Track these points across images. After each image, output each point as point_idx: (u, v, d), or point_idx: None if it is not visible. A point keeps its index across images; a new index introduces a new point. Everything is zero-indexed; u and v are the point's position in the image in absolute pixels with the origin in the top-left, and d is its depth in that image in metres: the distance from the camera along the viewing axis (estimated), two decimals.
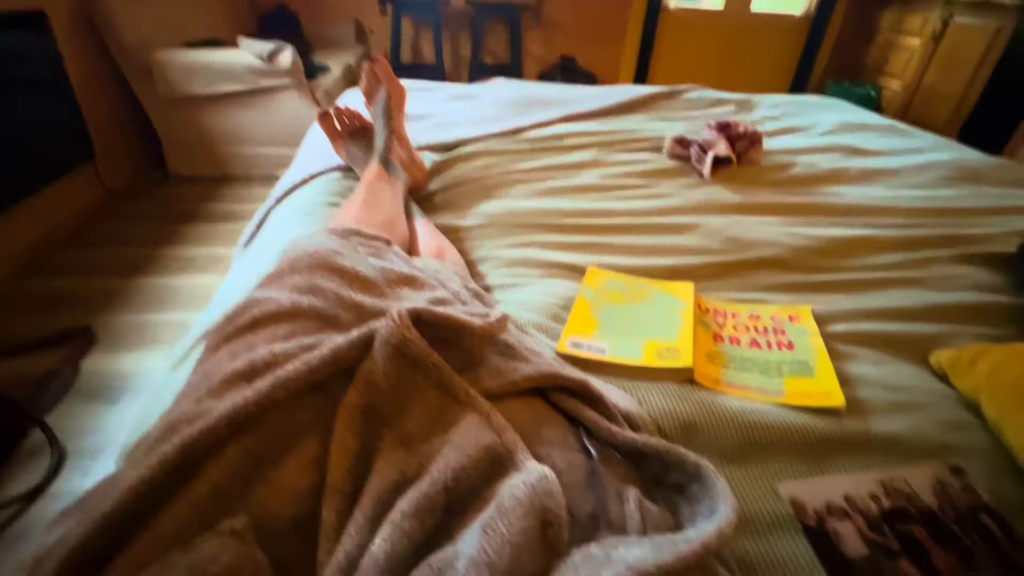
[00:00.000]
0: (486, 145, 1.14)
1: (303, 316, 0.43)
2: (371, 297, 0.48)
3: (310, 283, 0.46)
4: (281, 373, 0.35)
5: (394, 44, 3.20)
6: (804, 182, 1.09)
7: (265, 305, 0.44)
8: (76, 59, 2.00)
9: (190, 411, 0.35)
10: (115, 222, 2.02)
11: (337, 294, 0.46)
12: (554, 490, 0.29)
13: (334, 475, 0.32)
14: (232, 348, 0.41)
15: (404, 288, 0.52)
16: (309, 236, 0.57)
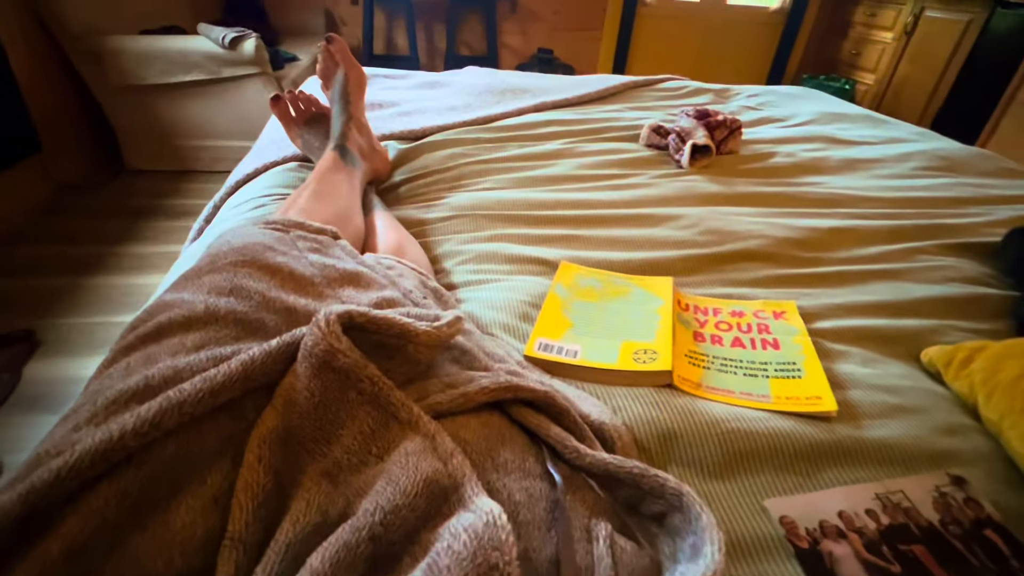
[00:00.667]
0: (455, 134, 1.08)
1: (219, 322, 0.37)
2: (306, 299, 0.42)
3: (232, 283, 0.40)
4: (174, 394, 0.28)
5: (367, 34, 3.10)
6: (784, 172, 1.06)
7: (174, 310, 0.37)
8: (18, 46, 1.87)
9: (63, 442, 0.28)
10: (65, 218, 1.90)
11: (264, 296, 0.40)
12: (503, 539, 0.24)
13: (236, 520, 0.26)
14: (129, 361, 0.34)
15: (347, 288, 0.46)
16: (238, 228, 0.50)
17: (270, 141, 1.03)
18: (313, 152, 0.91)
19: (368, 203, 0.79)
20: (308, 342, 0.32)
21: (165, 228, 1.88)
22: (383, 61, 3.38)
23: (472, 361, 0.42)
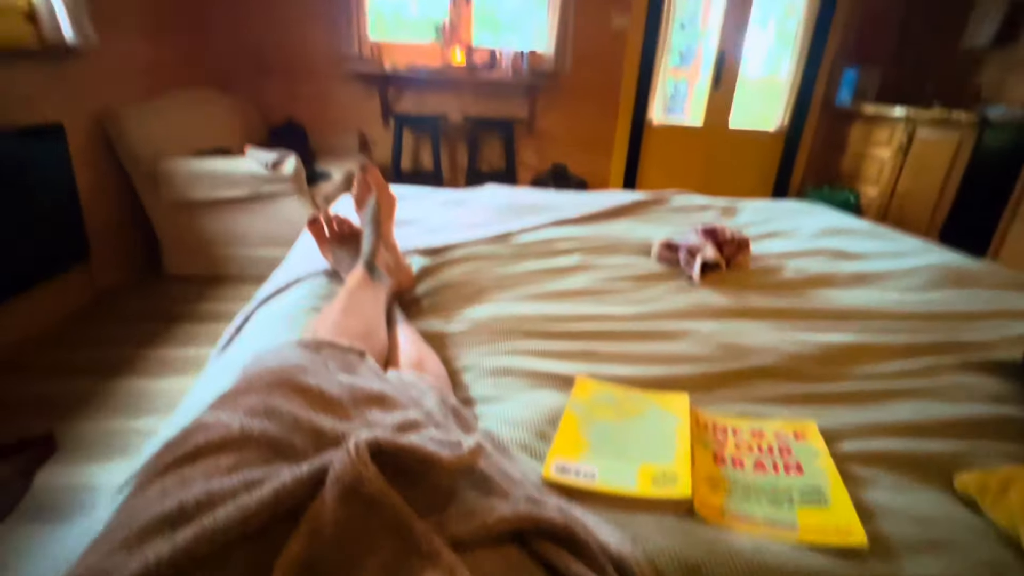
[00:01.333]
0: (475, 250, 1.15)
1: (253, 444, 0.38)
2: (334, 419, 0.44)
3: (266, 404, 0.42)
4: (208, 522, 0.29)
5: (395, 153, 3.39)
6: (794, 286, 1.09)
7: (211, 431, 0.39)
8: (87, 166, 2.09)
9: (97, 568, 0.29)
10: (101, 322, 1.99)
11: (295, 417, 0.42)
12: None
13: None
14: (165, 484, 0.35)
15: (373, 409, 0.48)
16: (275, 349, 0.53)
17: (302, 256, 1.11)
18: (343, 267, 0.98)
19: (392, 317, 0.83)
20: (337, 468, 0.33)
21: (193, 332, 1.94)
22: (410, 176, 3.65)
23: (491, 486, 0.42)
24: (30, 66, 1.82)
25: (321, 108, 3.54)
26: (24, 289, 1.75)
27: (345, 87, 3.51)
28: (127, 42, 2.36)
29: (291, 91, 3.49)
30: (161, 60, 2.66)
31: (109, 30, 2.18)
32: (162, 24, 2.67)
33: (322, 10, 3.30)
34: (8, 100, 1.73)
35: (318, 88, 3.49)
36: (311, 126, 3.53)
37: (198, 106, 2.71)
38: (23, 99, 1.79)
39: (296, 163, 2.30)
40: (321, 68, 3.45)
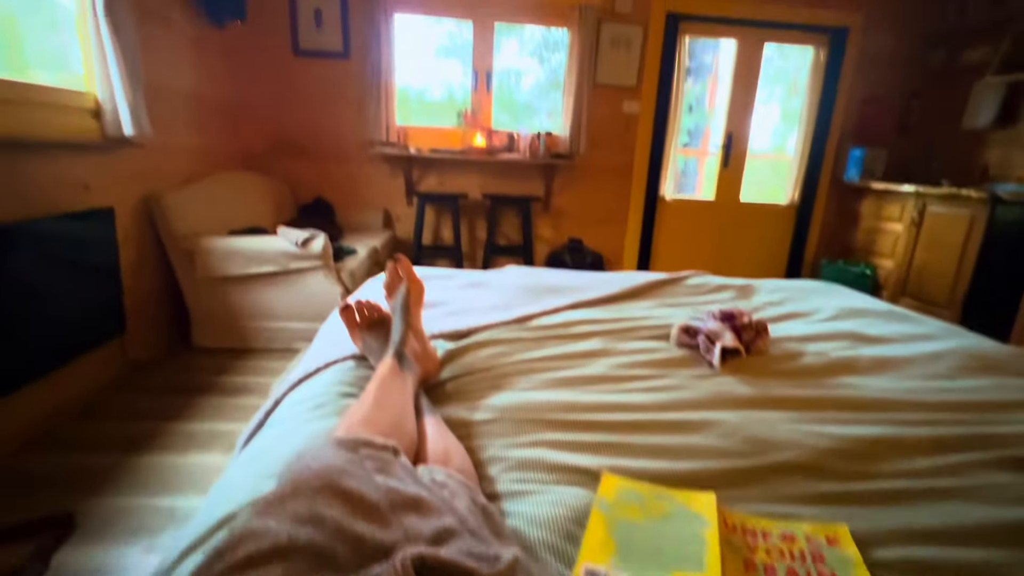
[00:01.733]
0: (496, 333, 1.18)
1: (300, 554, 0.40)
2: (373, 527, 0.45)
3: (311, 511, 0.44)
4: None
5: (417, 229, 3.53)
6: (816, 372, 1.09)
7: (261, 540, 0.41)
8: (130, 244, 2.22)
9: None
10: (129, 395, 2.03)
11: (338, 525, 0.44)
12: None
13: None
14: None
15: (411, 515, 0.49)
16: (316, 448, 0.56)
17: (331, 341, 1.15)
18: (372, 353, 1.01)
19: (419, 407, 0.85)
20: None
21: (219, 405, 1.97)
22: (430, 250, 3.78)
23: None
24: (90, 155, 1.99)
25: (349, 187, 3.75)
26: (62, 364, 1.81)
27: (372, 168, 3.73)
28: (175, 134, 2.58)
29: (321, 171, 3.71)
30: (204, 147, 2.87)
31: (161, 124, 2.39)
32: (207, 118, 2.91)
33: (353, 100, 3.57)
34: (67, 186, 1.88)
35: (347, 169, 3.71)
36: (339, 204, 3.72)
37: (234, 187, 2.89)
38: (80, 185, 1.94)
39: (324, 241, 2.41)
40: (350, 151, 3.68)
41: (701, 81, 6.53)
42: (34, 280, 1.67)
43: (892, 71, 3.86)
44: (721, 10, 3.64)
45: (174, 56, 2.57)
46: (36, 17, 1.96)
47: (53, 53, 2.02)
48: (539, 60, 5.07)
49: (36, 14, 1.96)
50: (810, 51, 3.87)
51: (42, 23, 1.98)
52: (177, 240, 2.35)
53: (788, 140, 4.17)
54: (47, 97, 1.81)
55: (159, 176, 2.42)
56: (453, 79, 3.92)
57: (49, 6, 1.97)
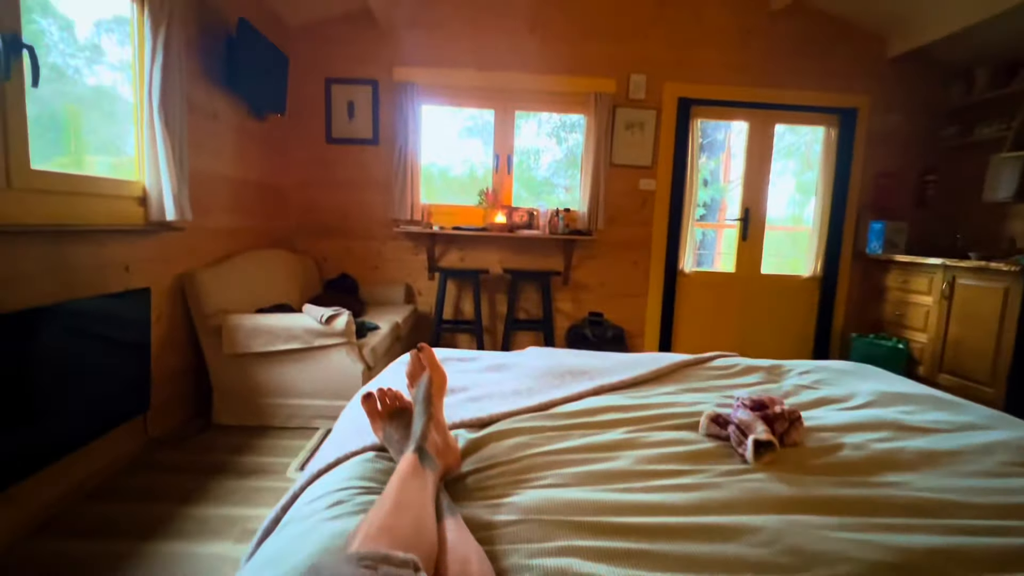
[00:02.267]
0: (519, 421, 1.15)
1: None
2: None
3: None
4: None
5: (439, 303, 3.58)
6: (858, 468, 1.03)
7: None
8: (162, 322, 2.29)
9: None
10: (147, 473, 2.01)
11: None
12: None
13: None
14: None
15: None
16: (334, 566, 0.54)
17: (352, 429, 1.13)
18: (392, 445, 0.99)
19: (440, 508, 0.82)
20: None
21: (233, 487, 1.93)
22: (451, 324, 3.81)
23: None
24: (132, 239, 2.10)
25: (373, 263, 3.86)
26: (86, 442, 1.82)
27: (395, 244, 3.85)
28: (212, 216, 2.72)
29: (347, 248, 3.84)
30: (238, 228, 3.02)
31: (200, 207, 2.54)
32: (243, 200, 3.08)
33: (380, 181, 3.76)
34: (109, 268, 1.97)
35: (371, 245, 3.84)
36: (362, 279, 3.82)
37: (264, 264, 2.99)
38: (121, 266, 2.04)
39: (348, 318, 2.45)
40: (375, 229, 3.82)
41: (715, 156, 6.74)
42: (68, 359, 1.72)
43: (905, 147, 3.94)
44: (732, 95, 3.81)
45: (217, 145, 2.76)
46: (98, 109, 2.16)
47: (108, 141, 2.20)
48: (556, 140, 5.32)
49: (98, 107, 2.15)
50: (821, 130, 3.99)
51: (103, 114, 2.18)
52: (207, 317, 2.42)
53: (804, 209, 4.20)
54: (100, 187, 1.95)
55: (194, 255, 2.54)
56: (474, 157, 4.11)
57: (111, 99, 2.17)
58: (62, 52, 1.96)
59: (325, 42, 3.64)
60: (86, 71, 2.07)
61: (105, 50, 2.13)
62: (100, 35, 2.12)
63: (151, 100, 2.09)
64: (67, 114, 2.03)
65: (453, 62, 3.67)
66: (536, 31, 3.70)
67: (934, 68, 3.82)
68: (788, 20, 3.75)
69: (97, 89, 2.13)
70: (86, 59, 2.06)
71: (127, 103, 2.18)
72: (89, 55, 2.07)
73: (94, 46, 2.09)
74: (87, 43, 2.06)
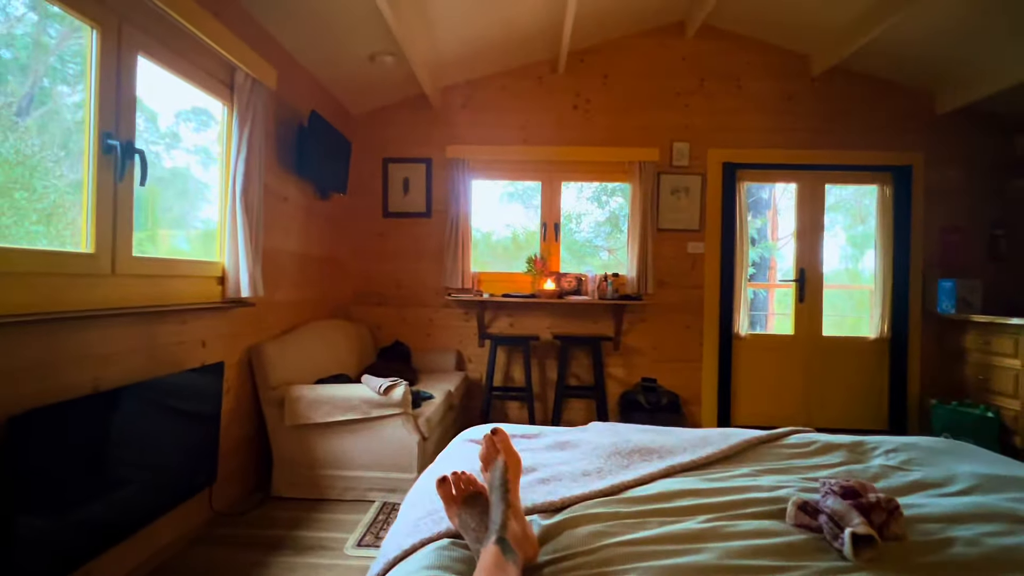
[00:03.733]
0: (592, 507, 1.12)
1: None
2: None
3: None
4: None
5: (489, 370, 3.58)
6: (975, 567, 0.93)
7: None
8: (232, 394, 2.38)
9: None
10: (210, 548, 2.04)
11: None
12: None
13: None
14: None
15: None
16: None
17: (425, 514, 1.13)
18: (468, 532, 0.98)
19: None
20: None
21: (290, 565, 1.92)
22: (501, 391, 3.79)
23: None
24: (210, 316, 2.24)
25: (425, 330, 3.94)
26: (156, 518, 1.87)
27: (447, 312, 3.93)
28: (279, 289, 2.88)
29: (400, 316, 3.95)
30: (301, 300, 3.17)
31: (269, 282, 2.70)
32: (307, 274, 3.26)
33: (432, 251, 3.90)
34: (189, 344, 2.10)
35: (424, 313, 3.94)
36: (415, 345, 3.89)
37: (323, 335, 3.11)
38: (199, 342, 2.17)
39: (405, 389, 2.49)
40: (427, 297, 3.93)
41: (761, 215, 6.68)
42: (146, 438, 1.80)
43: (969, 201, 3.80)
44: (777, 158, 3.83)
45: (286, 224, 2.97)
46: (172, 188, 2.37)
47: (180, 216, 2.38)
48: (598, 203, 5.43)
49: (173, 186, 2.36)
50: (875, 189, 3.92)
51: (176, 192, 2.38)
52: (271, 388, 2.51)
53: (859, 263, 4.05)
54: (187, 269, 2.12)
55: (261, 328, 2.67)
56: (516, 221, 4.23)
57: (183, 179, 2.38)
58: (145, 140, 2.15)
59: (384, 125, 3.93)
60: (164, 155, 2.28)
61: (182, 136, 2.37)
62: (179, 123, 2.35)
63: (235, 188, 2.29)
64: (147, 193, 2.19)
65: (501, 139, 3.88)
66: (579, 107, 3.88)
67: (989, 121, 3.74)
68: (830, 83, 3.80)
69: (173, 171, 2.34)
70: (166, 145, 2.27)
71: (198, 181, 2.39)
72: (169, 141, 2.29)
73: (173, 134, 2.32)
74: (168, 131, 2.28)
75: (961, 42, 3.24)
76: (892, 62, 3.60)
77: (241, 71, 2.30)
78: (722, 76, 3.84)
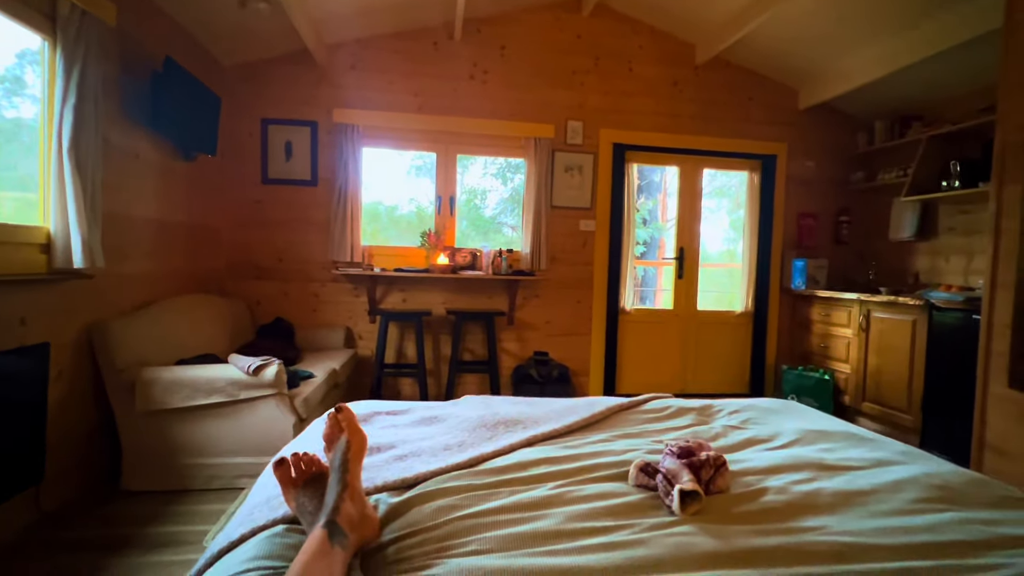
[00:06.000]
0: (446, 481, 1.10)
1: None
2: None
3: None
4: None
5: (379, 347, 3.47)
6: (780, 514, 1.04)
7: None
8: (63, 380, 2.08)
9: None
10: (39, 553, 1.78)
11: None
12: None
13: None
14: None
15: None
16: None
17: (263, 500, 1.05)
18: (304, 516, 0.92)
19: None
20: None
21: (133, 566, 1.73)
22: (393, 368, 3.69)
23: None
24: (31, 289, 1.92)
25: (310, 306, 3.72)
26: None
27: (334, 287, 3.74)
28: (129, 261, 2.55)
29: (283, 291, 3.69)
30: (159, 273, 2.84)
31: (114, 252, 2.37)
32: (166, 243, 2.91)
33: (319, 222, 3.67)
34: (3, 322, 1.79)
35: (309, 288, 3.71)
36: (299, 323, 3.66)
37: (188, 312, 2.82)
38: (16, 320, 1.85)
39: (278, 368, 2.32)
40: (313, 271, 3.71)
41: (653, 197, 7.05)
42: None
43: (821, 190, 4.26)
44: (663, 141, 4.03)
45: (139, 187, 2.62)
46: (17, 142, 2.01)
47: (23, 178, 2.03)
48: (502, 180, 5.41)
49: (17, 139, 2.00)
50: (745, 175, 4.26)
51: (22, 147, 2.02)
52: (118, 371, 2.23)
53: (738, 246, 4.44)
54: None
55: (105, 305, 2.35)
56: (422, 197, 4.11)
57: (30, 131, 2.03)
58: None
59: (262, 83, 3.59)
60: (4, 102, 1.93)
61: (27, 82, 2.01)
62: (24, 67, 2.00)
63: (60, 141, 1.96)
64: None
65: (394, 105, 3.70)
66: (476, 77, 3.80)
67: (841, 119, 4.20)
68: (712, 73, 4.04)
69: (16, 122, 1.98)
70: (4, 90, 1.92)
71: (7, 122, 2.04)
72: (9, 86, 1.94)
73: (15, 77, 1.97)
74: (7, 73, 1.93)
75: (819, 45, 3.57)
76: (764, 58, 3.90)
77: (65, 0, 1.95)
78: (616, 57, 3.93)
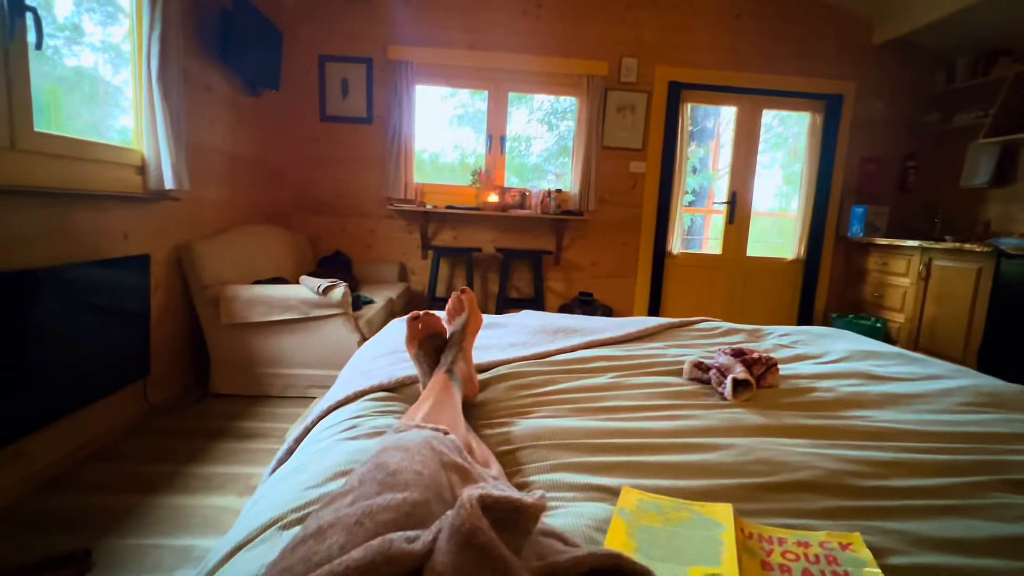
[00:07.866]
0: (517, 367, 1.23)
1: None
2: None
3: (432, 473, 0.53)
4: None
5: (431, 282, 3.64)
6: (827, 405, 1.11)
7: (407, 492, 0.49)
8: (160, 291, 2.32)
9: None
10: (148, 437, 2.06)
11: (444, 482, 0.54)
12: None
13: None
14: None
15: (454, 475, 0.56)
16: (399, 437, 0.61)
17: (359, 372, 1.20)
18: (420, 364, 1.07)
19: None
20: (455, 521, 0.38)
21: (234, 449, 1.99)
22: (444, 302, 3.86)
23: (558, 537, 0.47)
24: (131, 207, 2.14)
25: (367, 241, 3.90)
26: (86, 404, 1.86)
27: (389, 223, 3.89)
28: (208, 188, 2.75)
29: (341, 226, 3.88)
30: (233, 202, 3.05)
31: (196, 179, 2.57)
32: (238, 175, 3.11)
33: (374, 160, 3.79)
34: (109, 234, 2.01)
35: (365, 224, 3.88)
36: (356, 257, 3.86)
37: (259, 240, 3.03)
38: (120, 234, 2.07)
39: (344, 290, 2.51)
40: (369, 207, 3.86)
41: (704, 145, 6.83)
42: (68, 322, 1.76)
43: (888, 133, 4.04)
44: (720, 80, 3.89)
45: (212, 118, 2.79)
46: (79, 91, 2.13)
47: (90, 124, 2.16)
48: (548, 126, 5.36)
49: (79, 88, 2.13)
50: (807, 117, 4.08)
51: (83, 96, 2.14)
52: (204, 287, 2.46)
53: (791, 202, 4.32)
54: (101, 154, 1.98)
55: (191, 227, 2.57)
56: (465, 144, 4.16)
57: (91, 81, 2.15)
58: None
59: (319, 19, 3.65)
60: (66, 51, 1.99)
61: (85, 31, 2.10)
62: (81, 15, 2.06)
63: (150, 72, 2.11)
64: (48, 95, 1.96)
65: (447, 41, 3.70)
66: (529, 12, 3.74)
67: (918, 55, 3.93)
68: (778, 3, 3.82)
69: (78, 71, 2.10)
70: (65, 39, 1.98)
71: (110, 86, 2.19)
72: (69, 35, 2.00)
73: (74, 26, 2.04)
74: (67, 23, 2.00)
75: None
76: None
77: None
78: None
